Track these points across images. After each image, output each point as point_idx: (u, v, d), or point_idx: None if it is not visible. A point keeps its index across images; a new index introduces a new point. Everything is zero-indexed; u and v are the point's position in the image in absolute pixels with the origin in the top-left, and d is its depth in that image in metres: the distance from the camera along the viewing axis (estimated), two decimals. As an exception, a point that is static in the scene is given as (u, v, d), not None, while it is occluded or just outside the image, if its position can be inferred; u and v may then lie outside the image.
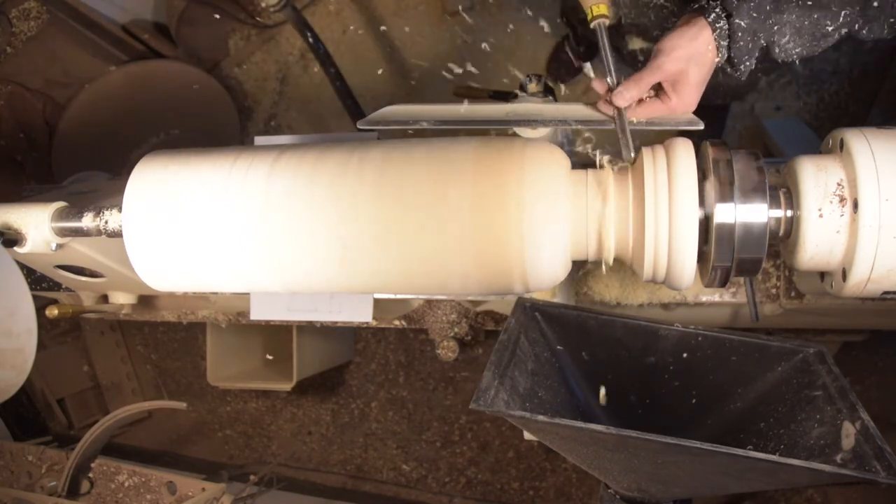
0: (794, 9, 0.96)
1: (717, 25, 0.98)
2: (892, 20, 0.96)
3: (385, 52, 2.61)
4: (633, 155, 0.99)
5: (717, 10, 0.98)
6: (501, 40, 2.50)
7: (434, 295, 1.46)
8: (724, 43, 0.98)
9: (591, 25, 1.06)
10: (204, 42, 2.68)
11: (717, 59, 1.00)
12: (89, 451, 1.68)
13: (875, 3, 0.95)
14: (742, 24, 0.96)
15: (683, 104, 1.03)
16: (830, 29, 0.97)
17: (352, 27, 2.65)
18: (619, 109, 1.03)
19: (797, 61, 1.03)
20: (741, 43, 0.97)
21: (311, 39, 2.06)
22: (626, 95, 1.01)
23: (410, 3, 2.61)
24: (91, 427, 1.67)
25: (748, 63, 1.00)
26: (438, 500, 2.54)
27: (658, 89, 1.04)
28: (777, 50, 0.99)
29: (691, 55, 0.99)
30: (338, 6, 2.66)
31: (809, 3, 0.95)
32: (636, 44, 1.62)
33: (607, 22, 1.05)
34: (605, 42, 1.05)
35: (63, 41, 2.45)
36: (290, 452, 2.71)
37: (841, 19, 0.96)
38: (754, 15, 0.96)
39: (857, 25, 0.97)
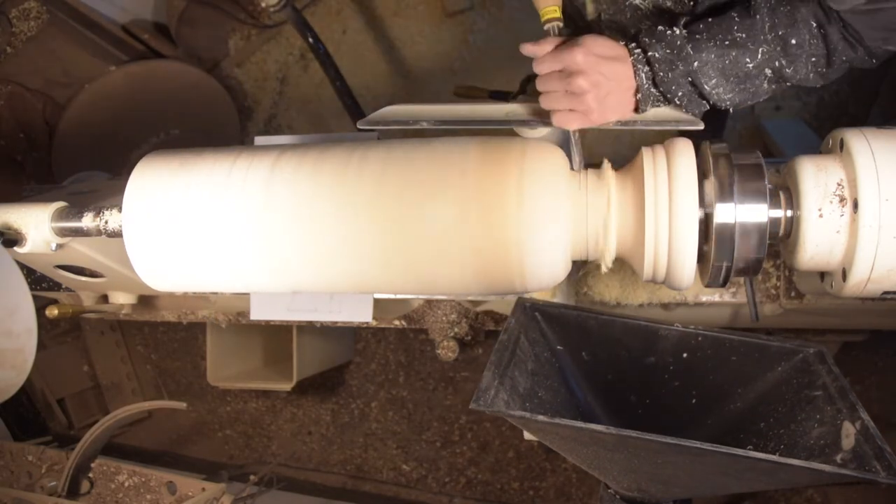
0: (713, 48, 0.97)
1: (636, 52, 0.99)
2: (813, 59, 0.97)
3: (385, 52, 2.61)
4: (578, 168, 1.01)
5: (634, 44, 1.00)
6: (501, 40, 2.50)
7: (434, 295, 1.46)
8: (644, 68, 0.99)
9: (545, 28, 1.06)
10: (204, 42, 2.68)
11: (636, 83, 1.00)
12: (89, 451, 1.68)
13: (793, 41, 0.96)
14: (656, 55, 0.98)
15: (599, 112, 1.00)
16: (751, 66, 0.98)
17: (352, 27, 2.65)
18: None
19: (731, 110, 1.04)
20: (661, 74, 0.98)
21: (311, 39, 2.06)
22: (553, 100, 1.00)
23: (410, 3, 2.61)
24: (91, 427, 1.67)
25: (681, 94, 1.00)
26: (438, 500, 2.54)
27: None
28: (707, 90, 0.99)
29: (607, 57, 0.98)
30: (338, 6, 2.66)
31: (727, 42, 0.97)
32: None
33: (560, 25, 1.05)
34: None
35: (63, 41, 2.45)
36: (290, 452, 2.70)
37: (759, 56, 0.97)
38: (668, 51, 0.98)
39: (778, 63, 0.98)
